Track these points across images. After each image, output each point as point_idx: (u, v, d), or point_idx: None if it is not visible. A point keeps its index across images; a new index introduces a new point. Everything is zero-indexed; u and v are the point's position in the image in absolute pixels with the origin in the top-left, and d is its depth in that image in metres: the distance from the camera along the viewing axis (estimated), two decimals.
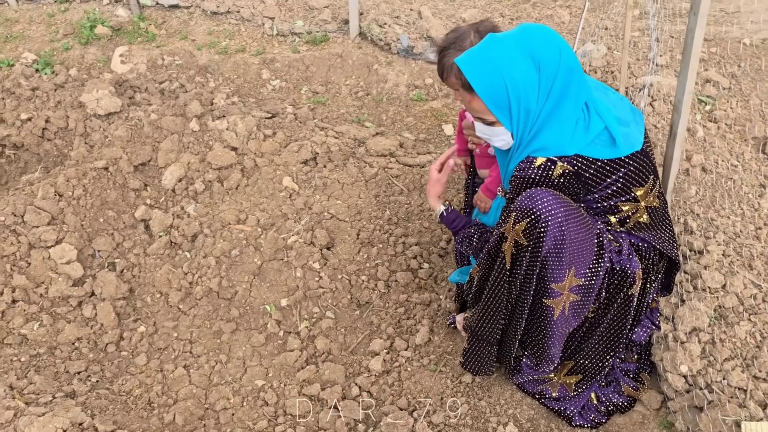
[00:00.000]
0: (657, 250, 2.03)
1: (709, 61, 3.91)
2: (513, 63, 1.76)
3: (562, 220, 1.79)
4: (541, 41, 1.79)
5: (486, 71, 1.76)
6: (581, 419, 2.12)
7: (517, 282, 1.92)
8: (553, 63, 1.79)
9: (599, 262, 1.91)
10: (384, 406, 2.22)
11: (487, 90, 1.79)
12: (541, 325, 1.99)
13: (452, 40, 2.18)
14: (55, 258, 2.78)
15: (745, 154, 3.13)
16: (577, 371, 2.14)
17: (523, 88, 1.78)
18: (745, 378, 1.97)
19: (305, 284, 2.72)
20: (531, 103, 1.81)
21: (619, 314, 2.04)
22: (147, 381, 2.41)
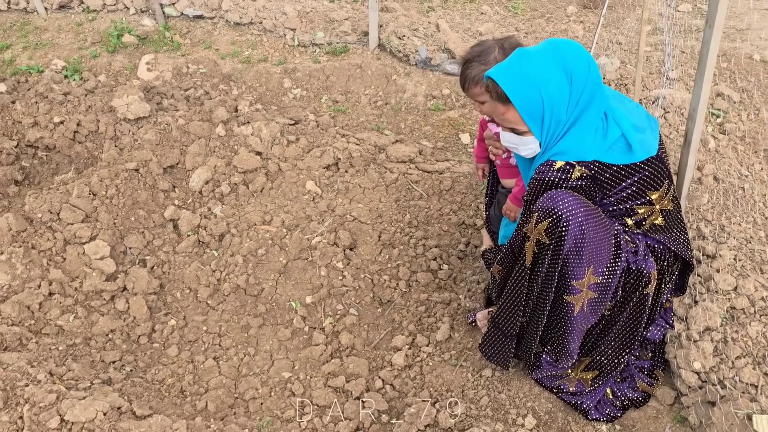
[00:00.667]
0: (671, 251, 2.12)
1: (720, 76, 4.02)
2: (548, 77, 1.86)
3: (582, 220, 1.88)
4: (572, 56, 1.89)
5: (524, 84, 1.85)
6: (597, 413, 2.20)
7: (538, 279, 2.01)
8: (582, 76, 1.89)
9: (616, 261, 2.01)
10: (407, 398, 2.31)
11: (524, 103, 1.87)
12: (562, 320, 2.08)
13: (477, 53, 2.26)
14: (90, 254, 2.90)
15: (756, 165, 3.23)
16: (594, 367, 2.23)
17: (557, 100, 1.88)
18: (757, 374, 2.05)
19: (329, 282, 2.82)
20: (562, 114, 1.91)
21: (635, 313, 2.13)
22: (179, 371, 2.51)
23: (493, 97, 1.95)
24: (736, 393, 2.02)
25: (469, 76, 2.25)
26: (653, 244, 2.11)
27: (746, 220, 2.74)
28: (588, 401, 2.21)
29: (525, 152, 2.04)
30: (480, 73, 2.19)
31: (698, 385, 2.14)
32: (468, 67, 2.26)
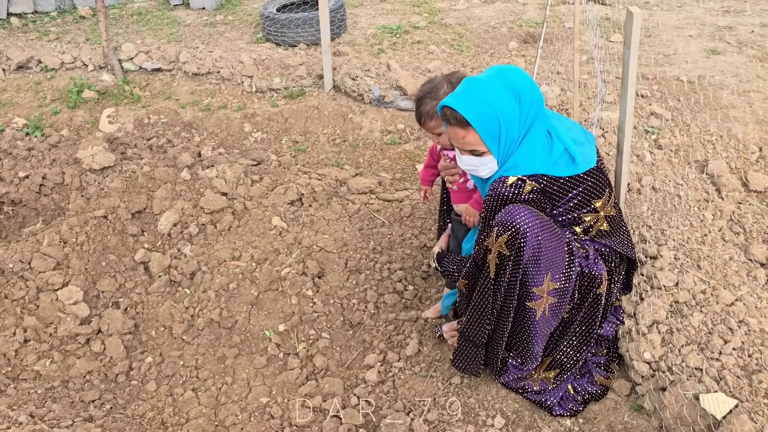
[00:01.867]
0: (618, 253, 2.32)
1: (652, 97, 4.34)
2: (500, 98, 2.05)
3: (538, 231, 2.06)
4: (517, 78, 2.10)
5: (480, 107, 2.04)
6: (561, 409, 2.34)
7: (501, 289, 2.17)
8: (528, 95, 2.09)
9: (571, 267, 2.18)
10: (382, 410, 2.42)
11: (482, 124, 2.05)
12: (525, 326, 2.23)
13: (428, 90, 2.40)
14: (63, 299, 2.95)
15: (689, 174, 3.49)
16: (555, 366, 2.38)
17: (510, 118, 2.07)
18: (701, 359, 2.23)
19: (300, 310, 2.93)
20: (514, 131, 2.10)
21: (590, 312, 2.30)
22: (158, 405, 2.56)
23: (452, 124, 2.12)
24: (683, 377, 2.19)
25: (424, 112, 2.40)
26: (601, 248, 2.30)
27: (683, 223, 2.97)
28: (551, 398, 2.36)
29: (484, 172, 2.20)
30: (433, 107, 2.35)
31: (650, 374, 2.31)
32: (421, 104, 2.41)
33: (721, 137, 3.88)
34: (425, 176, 2.79)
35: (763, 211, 3.20)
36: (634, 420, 2.28)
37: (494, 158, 2.15)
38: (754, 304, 2.46)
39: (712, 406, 2.02)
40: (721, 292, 2.48)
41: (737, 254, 2.76)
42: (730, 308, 2.41)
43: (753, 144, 3.82)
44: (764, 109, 4.16)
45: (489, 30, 6.01)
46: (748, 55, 5.03)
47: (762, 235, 2.94)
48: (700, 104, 4.24)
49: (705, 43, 5.35)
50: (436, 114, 2.32)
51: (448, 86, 2.39)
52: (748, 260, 2.75)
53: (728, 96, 4.31)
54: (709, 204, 3.16)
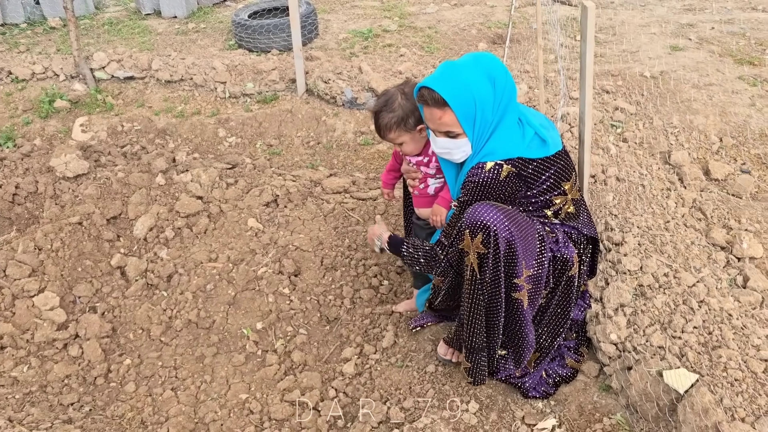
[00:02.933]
0: (584, 235, 2.40)
1: (617, 93, 4.46)
2: (477, 81, 2.12)
3: (508, 224, 2.12)
4: (492, 64, 2.17)
5: (458, 88, 2.10)
6: (535, 392, 2.41)
7: (486, 287, 2.21)
8: (503, 81, 2.17)
9: (543, 252, 2.25)
10: (360, 401, 2.47)
11: (459, 104, 2.11)
12: (516, 317, 2.28)
13: (383, 103, 2.44)
14: (39, 305, 2.96)
15: (653, 165, 3.61)
16: (536, 350, 2.45)
17: (486, 101, 2.14)
18: (664, 338, 2.32)
19: (277, 307, 2.97)
20: (488, 114, 2.16)
21: (564, 295, 2.38)
22: (138, 405, 2.58)
23: (429, 104, 2.17)
24: (648, 356, 2.27)
25: (382, 125, 2.46)
26: (569, 231, 2.38)
27: (647, 211, 3.07)
28: (530, 381, 2.43)
29: (458, 155, 2.25)
30: (390, 120, 2.42)
31: (617, 355, 2.39)
32: (379, 117, 2.45)
33: (683, 129, 4.00)
34: (387, 180, 2.86)
35: (723, 198, 3.32)
36: (602, 399, 2.36)
37: (468, 141, 2.20)
38: (714, 285, 2.55)
39: (675, 381, 2.10)
40: (683, 275, 2.57)
41: (698, 239, 2.86)
42: (691, 289, 2.50)
43: (714, 135, 3.96)
44: (723, 101, 4.30)
45: (458, 32, 6.11)
46: (708, 51, 5.19)
47: (722, 220, 3.05)
48: (663, 98, 4.37)
49: (668, 41, 5.50)
50: (394, 126, 2.41)
51: (402, 97, 2.43)
52: (709, 244, 2.85)
53: (689, 90, 4.44)
54: (672, 192, 3.26)
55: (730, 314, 2.39)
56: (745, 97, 4.34)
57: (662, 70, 4.79)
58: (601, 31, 5.87)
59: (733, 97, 4.35)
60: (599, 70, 4.85)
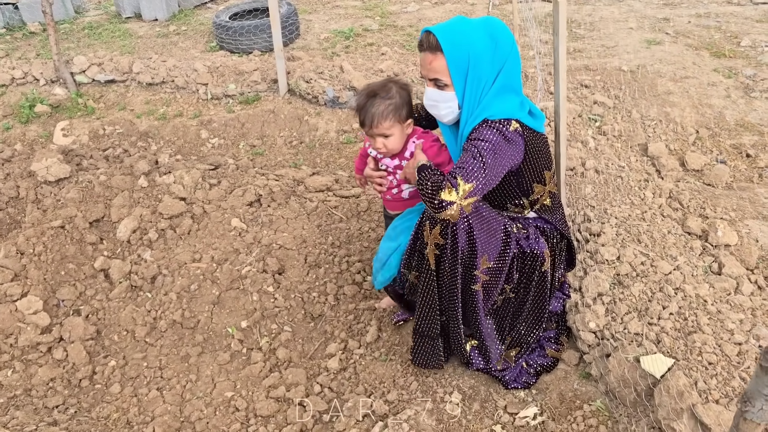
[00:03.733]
0: (558, 230, 2.44)
1: (595, 87, 4.52)
2: (477, 37, 2.12)
3: (468, 216, 2.15)
4: (501, 30, 2.17)
5: (455, 38, 2.10)
6: (515, 383, 2.45)
7: (444, 278, 2.25)
8: (506, 47, 2.16)
9: (507, 247, 2.28)
10: (344, 395, 2.49)
11: (451, 51, 2.10)
12: (474, 309, 2.33)
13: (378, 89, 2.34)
14: (22, 310, 2.95)
15: (631, 157, 3.66)
16: (515, 344, 2.49)
17: (481, 57, 2.12)
18: (641, 325, 2.36)
19: (262, 306, 2.98)
20: (484, 72, 2.14)
21: (539, 289, 2.42)
22: (123, 406, 2.59)
23: (424, 49, 2.17)
24: (625, 343, 2.32)
25: (377, 112, 2.31)
26: (542, 225, 2.41)
27: (624, 202, 3.12)
28: (511, 374, 2.46)
29: (444, 110, 2.23)
30: (387, 107, 2.31)
31: (596, 343, 2.43)
32: (373, 104, 2.32)
33: (660, 121, 4.07)
34: (360, 166, 2.73)
35: (699, 188, 3.38)
36: (582, 387, 2.40)
37: (455, 97, 2.18)
38: (690, 272, 2.60)
39: (652, 366, 2.15)
40: (660, 263, 2.62)
41: (675, 228, 2.92)
42: (667, 277, 2.55)
43: (690, 127, 4.02)
44: (700, 93, 4.37)
45: None
46: (685, 45, 5.27)
47: (698, 210, 3.10)
48: (641, 92, 4.43)
49: (645, 35, 5.57)
50: (391, 114, 2.32)
51: (397, 86, 2.37)
52: (685, 233, 2.90)
53: (666, 83, 4.51)
54: (649, 183, 3.32)
55: (705, 300, 2.44)
56: (720, 89, 4.41)
57: (639, 63, 4.86)
58: (580, 27, 5.93)
59: (708, 89, 4.43)
60: (578, 65, 4.91)
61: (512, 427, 2.29)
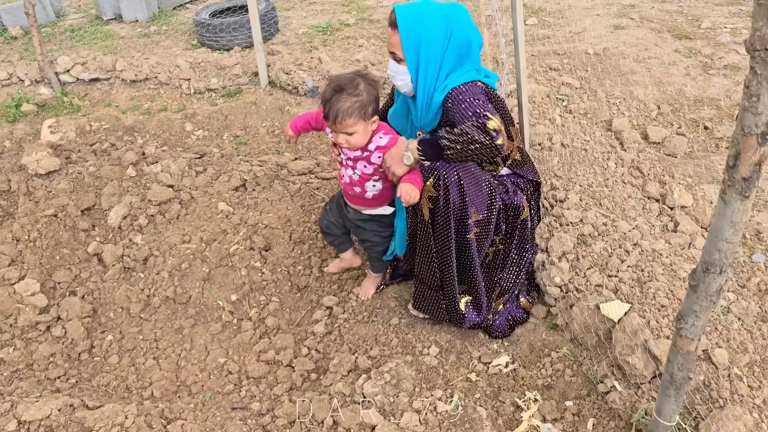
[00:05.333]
0: (530, 181, 2.64)
1: (563, 70, 4.73)
2: (433, 19, 2.31)
3: (457, 169, 2.34)
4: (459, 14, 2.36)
5: (412, 17, 2.31)
6: (498, 332, 2.64)
7: (439, 229, 2.43)
8: (463, 32, 2.35)
9: (492, 200, 2.48)
10: (330, 354, 2.66)
11: (406, 29, 2.30)
12: (468, 259, 2.51)
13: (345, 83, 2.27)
14: (20, 292, 3.09)
15: (596, 132, 3.87)
16: (503, 293, 2.68)
17: (433, 39, 2.31)
18: (601, 277, 2.56)
19: (250, 280, 3.15)
20: (436, 52, 2.33)
21: (521, 238, 2.63)
22: (122, 374, 2.74)
23: (389, 23, 2.39)
24: (587, 294, 2.51)
25: (342, 109, 2.23)
26: (516, 180, 2.62)
27: (588, 171, 3.32)
28: (498, 319, 2.65)
29: (399, 82, 2.44)
30: (353, 104, 2.24)
31: (561, 296, 2.62)
32: (339, 99, 2.24)
33: (624, 99, 4.28)
34: (299, 125, 2.71)
35: (659, 158, 3.60)
36: (550, 337, 2.59)
37: (408, 72, 2.37)
38: (648, 231, 2.81)
39: (610, 311, 2.34)
40: (620, 223, 2.82)
41: (635, 193, 3.12)
42: (626, 235, 2.75)
43: (652, 103, 4.24)
44: (661, 72, 4.59)
45: None
46: (648, 29, 5.50)
47: (657, 176, 3.31)
48: (606, 73, 4.65)
49: (611, 21, 5.80)
50: (356, 112, 2.26)
51: (365, 81, 2.30)
52: (645, 197, 3.11)
53: (630, 63, 4.73)
54: (612, 155, 3.52)
55: (661, 254, 2.65)
56: (681, 68, 4.64)
57: (605, 47, 5.08)
58: (549, 16, 6.15)
59: (670, 68, 4.65)
60: (546, 50, 5.12)
61: (486, 374, 2.47)
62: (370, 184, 2.49)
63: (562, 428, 2.26)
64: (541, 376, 2.46)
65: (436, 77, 2.37)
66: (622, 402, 2.19)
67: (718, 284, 1.51)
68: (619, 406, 2.20)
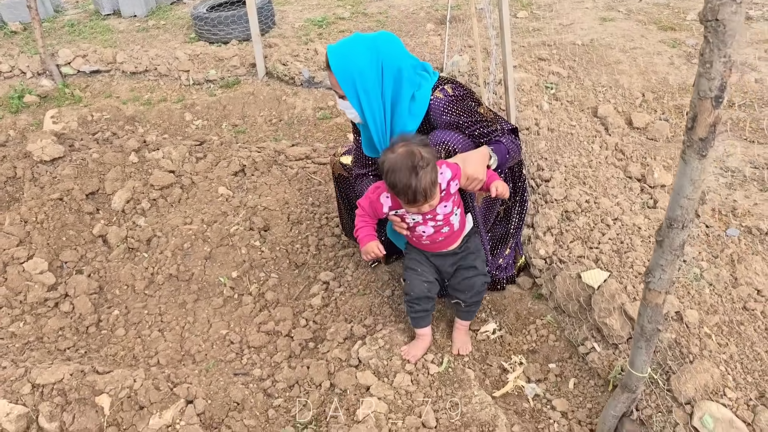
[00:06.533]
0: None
1: (551, 60, 4.87)
2: (361, 55, 2.36)
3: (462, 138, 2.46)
4: (387, 42, 2.42)
5: (341, 58, 2.37)
6: (500, 285, 2.82)
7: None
8: (392, 57, 2.40)
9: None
10: (327, 325, 2.80)
11: (338, 70, 2.37)
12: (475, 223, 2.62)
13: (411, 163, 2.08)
14: (29, 270, 3.22)
15: (582, 118, 4.02)
16: (511, 238, 2.85)
17: (366, 72, 2.37)
18: (583, 249, 2.71)
19: (250, 258, 3.28)
20: (371, 85, 2.40)
21: (521, 192, 2.79)
22: (129, 345, 2.88)
23: (324, 66, 2.46)
24: (570, 264, 2.66)
25: (426, 186, 2.07)
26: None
27: (573, 154, 3.47)
28: (507, 273, 2.81)
29: (351, 115, 2.52)
30: (430, 175, 2.08)
31: (546, 267, 2.77)
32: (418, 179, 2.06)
33: (610, 88, 4.43)
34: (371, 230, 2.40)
35: (642, 142, 3.75)
36: (535, 306, 2.74)
37: (352, 105, 2.45)
38: (629, 207, 2.96)
39: (590, 279, 2.49)
40: (602, 200, 2.97)
41: (617, 173, 3.27)
42: (608, 210, 2.90)
43: (637, 91, 4.39)
44: (646, 62, 4.74)
45: (408, 15, 6.48)
46: (635, 21, 5.65)
47: (640, 159, 3.46)
48: (593, 62, 4.80)
49: (599, 14, 5.95)
50: (435, 179, 2.12)
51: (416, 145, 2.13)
52: (626, 177, 3.26)
53: (616, 53, 4.88)
54: (597, 139, 3.67)
55: (640, 228, 2.79)
56: (665, 58, 4.79)
57: (593, 38, 5.23)
58: (539, 9, 6.30)
59: (655, 58, 4.80)
60: (536, 42, 5.27)
61: (475, 340, 2.62)
62: (454, 218, 2.34)
63: (545, 388, 2.41)
64: (526, 342, 2.61)
65: (381, 105, 2.46)
66: (600, 361, 2.34)
67: (681, 239, 1.65)
68: (598, 365, 2.34)
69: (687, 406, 1.99)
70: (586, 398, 2.33)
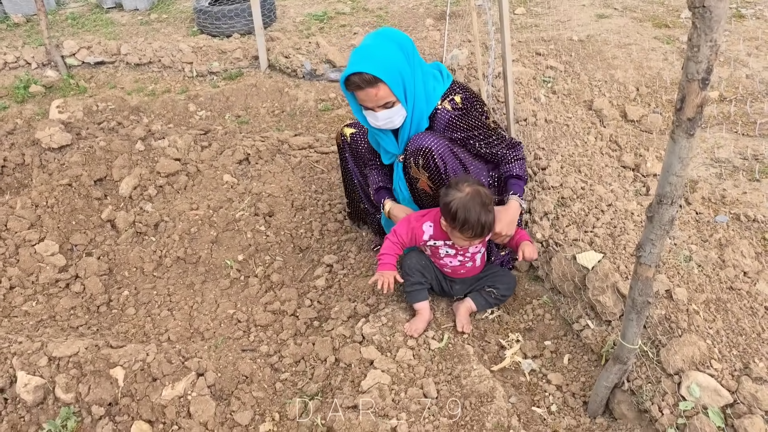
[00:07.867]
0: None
1: (548, 55, 4.99)
2: (394, 53, 2.48)
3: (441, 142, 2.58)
4: (396, 34, 2.55)
5: (382, 63, 2.41)
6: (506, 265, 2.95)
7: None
8: (408, 45, 2.54)
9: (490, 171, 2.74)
10: (331, 305, 2.91)
11: (388, 75, 2.42)
12: None
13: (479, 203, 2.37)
14: (41, 252, 3.31)
15: (578, 111, 4.13)
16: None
17: (403, 67, 2.50)
18: (577, 233, 2.82)
19: (256, 242, 3.39)
20: (408, 75, 2.52)
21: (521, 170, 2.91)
22: (139, 323, 2.97)
23: (363, 87, 2.41)
24: (565, 247, 2.77)
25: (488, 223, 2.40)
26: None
27: (570, 144, 3.58)
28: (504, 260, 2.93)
29: (398, 119, 2.57)
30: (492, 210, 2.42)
31: (542, 250, 2.88)
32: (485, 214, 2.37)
33: (605, 82, 4.55)
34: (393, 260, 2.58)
35: (636, 133, 3.86)
36: (532, 287, 2.85)
37: (402, 106, 2.54)
38: (623, 194, 3.07)
39: (585, 260, 2.60)
40: (597, 187, 3.08)
41: (612, 162, 3.38)
42: (603, 197, 3.01)
43: (632, 85, 4.51)
44: (641, 57, 4.86)
45: (408, 11, 6.59)
46: (631, 18, 5.77)
47: (633, 149, 3.58)
48: (589, 57, 4.91)
49: (596, 11, 6.07)
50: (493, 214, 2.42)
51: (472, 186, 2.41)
52: (621, 166, 3.37)
53: (612, 49, 5.00)
54: (593, 130, 3.78)
55: (633, 213, 2.91)
56: (659, 54, 4.91)
57: (589, 34, 5.34)
58: (537, 6, 6.41)
59: (649, 53, 4.92)
60: (534, 37, 5.38)
61: (473, 320, 2.73)
62: (478, 255, 2.68)
63: (541, 363, 2.52)
64: (523, 321, 2.72)
65: (423, 92, 2.57)
66: (594, 337, 2.45)
67: (670, 214, 1.76)
68: (592, 341, 2.46)
69: (675, 377, 2.11)
70: (580, 372, 2.44)
